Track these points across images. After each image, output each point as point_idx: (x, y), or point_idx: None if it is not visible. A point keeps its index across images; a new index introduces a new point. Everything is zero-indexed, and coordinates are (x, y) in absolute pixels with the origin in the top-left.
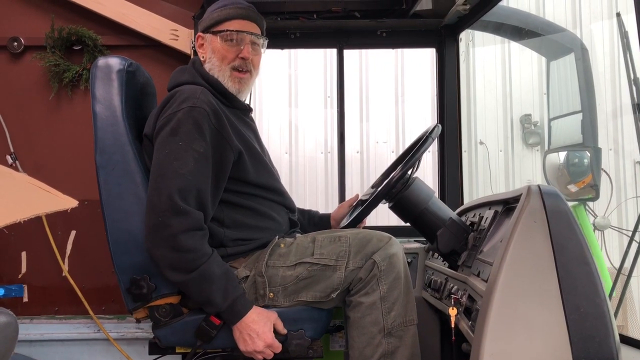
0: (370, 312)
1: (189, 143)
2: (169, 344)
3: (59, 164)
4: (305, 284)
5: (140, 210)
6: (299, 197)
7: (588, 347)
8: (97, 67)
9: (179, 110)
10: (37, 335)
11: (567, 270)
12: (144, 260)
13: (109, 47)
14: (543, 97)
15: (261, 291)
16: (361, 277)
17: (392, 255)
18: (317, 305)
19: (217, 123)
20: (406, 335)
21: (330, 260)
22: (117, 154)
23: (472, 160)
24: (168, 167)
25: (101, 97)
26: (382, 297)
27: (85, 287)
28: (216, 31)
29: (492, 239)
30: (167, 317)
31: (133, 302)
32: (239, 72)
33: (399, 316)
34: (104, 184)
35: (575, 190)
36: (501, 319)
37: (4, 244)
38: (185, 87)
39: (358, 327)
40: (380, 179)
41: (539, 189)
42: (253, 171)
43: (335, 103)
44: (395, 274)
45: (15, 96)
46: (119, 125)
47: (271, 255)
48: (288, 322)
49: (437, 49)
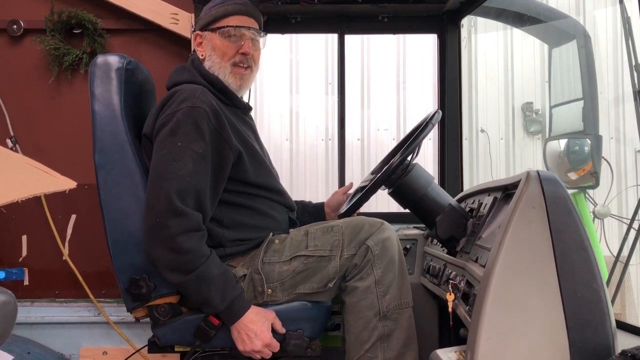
0: (366, 296)
1: (188, 144)
2: (168, 343)
3: (59, 148)
4: (303, 277)
5: (140, 211)
6: (299, 184)
7: (584, 332)
8: (95, 65)
9: (178, 110)
10: (38, 318)
11: (565, 255)
12: (143, 260)
13: (109, 30)
14: (545, 85)
15: (259, 288)
16: (356, 263)
17: (385, 240)
18: (315, 297)
19: (217, 123)
20: (402, 318)
21: (325, 251)
22: (116, 153)
23: (473, 148)
24: (167, 167)
25: (100, 96)
26: (377, 281)
27: (85, 271)
28: (215, 28)
29: (491, 225)
30: (166, 317)
31: (132, 301)
32: (240, 68)
33: (394, 299)
34: (103, 184)
35: (575, 177)
36: (498, 304)
37: (5, 227)
38: (184, 86)
39: (354, 311)
40: (380, 165)
41: (538, 175)
42: (252, 171)
43: (336, 89)
44: (389, 258)
45: (15, 80)
46: (118, 124)
47: (266, 252)
48: (287, 321)
49: (438, 35)
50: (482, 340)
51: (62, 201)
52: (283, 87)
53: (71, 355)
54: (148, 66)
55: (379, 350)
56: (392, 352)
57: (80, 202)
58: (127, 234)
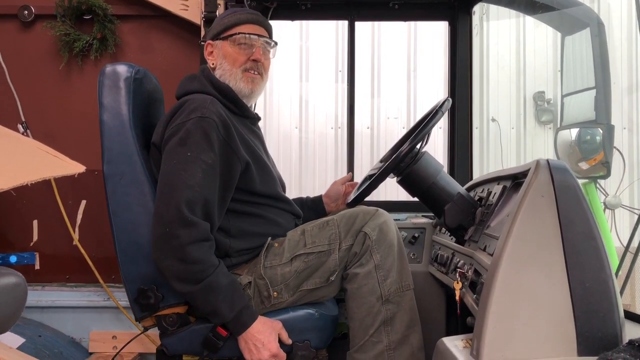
0: (367, 281)
1: (197, 154)
2: (176, 352)
3: (69, 134)
4: (305, 275)
5: (148, 221)
6: (308, 172)
7: (592, 321)
8: (104, 74)
9: (188, 120)
10: (49, 302)
11: (573, 245)
12: (152, 270)
13: (119, 16)
14: (557, 74)
15: (265, 293)
16: (356, 252)
17: (381, 224)
18: (320, 292)
19: (226, 134)
20: (403, 301)
21: (324, 246)
22: (125, 163)
23: (484, 137)
24: (176, 178)
25: (108, 106)
26: (377, 265)
27: (95, 256)
28: (226, 36)
29: (500, 214)
30: (174, 326)
31: (141, 311)
32: (251, 73)
33: (395, 282)
34: (112, 194)
35: (586, 167)
36: (505, 292)
37: (17, 212)
38: (194, 96)
39: (356, 297)
40: (390, 153)
41: (547, 164)
42: (260, 181)
43: (346, 78)
44: (387, 242)
45: (27, 65)
46: (126, 134)
47: (267, 257)
48: (293, 332)
49: (449, 22)
50: (489, 329)
51: (72, 187)
52: (293, 75)
53: (81, 339)
54: (157, 52)
55: (383, 334)
56: (396, 334)
57: (90, 187)
58: (136, 244)
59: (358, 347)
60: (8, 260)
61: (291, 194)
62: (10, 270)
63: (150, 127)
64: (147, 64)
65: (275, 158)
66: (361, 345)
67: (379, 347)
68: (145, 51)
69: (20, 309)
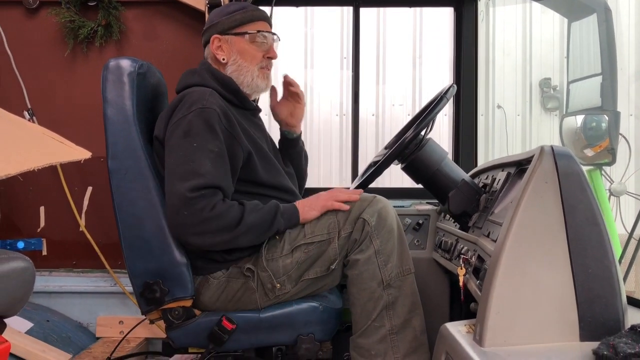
0: (367, 267)
1: (203, 144)
2: (182, 345)
3: (75, 120)
4: (307, 265)
5: (153, 216)
6: (313, 159)
7: (594, 307)
8: (108, 69)
9: (189, 113)
10: (56, 287)
11: (577, 231)
12: (157, 264)
13: (123, 3)
14: (564, 60)
15: (268, 285)
16: (356, 239)
17: (380, 210)
18: (322, 281)
19: (227, 123)
20: (404, 285)
21: (323, 235)
22: (129, 158)
23: (489, 124)
24: (185, 168)
25: (112, 101)
26: (377, 251)
27: (101, 242)
28: (242, 32)
29: (504, 200)
30: (180, 320)
31: (146, 305)
32: (265, 70)
33: (396, 267)
34: (117, 189)
35: (591, 154)
36: (509, 278)
37: (24, 198)
38: (194, 89)
39: (357, 283)
40: (394, 140)
41: (551, 150)
42: (263, 171)
43: (351, 64)
44: (387, 227)
45: (32, 52)
46: (130, 129)
47: (268, 249)
48: (297, 324)
49: (455, 8)
50: (492, 314)
51: (78, 173)
52: (297, 62)
53: (88, 324)
54: (162, 39)
55: (385, 319)
56: (398, 319)
57: (96, 174)
58: (141, 239)
59: (361, 332)
60: (16, 246)
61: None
62: (19, 255)
63: (154, 121)
64: (152, 51)
65: None
66: (364, 330)
67: (381, 331)
68: (149, 38)
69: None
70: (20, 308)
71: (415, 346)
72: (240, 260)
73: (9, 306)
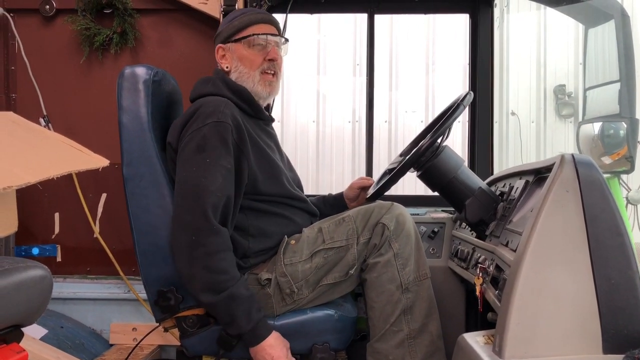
0: (386, 270)
1: (216, 160)
2: (196, 352)
3: (90, 127)
4: (325, 270)
5: (167, 223)
6: (325, 166)
7: (617, 319)
8: (123, 77)
9: (204, 126)
10: (70, 293)
11: (599, 241)
12: (171, 272)
13: (139, 10)
14: (579, 67)
15: (287, 290)
16: (375, 243)
17: (398, 215)
18: (339, 287)
19: (238, 137)
20: (421, 289)
21: (342, 242)
22: (144, 166)
23: (503, 131)
24: (199, 184)
25: (128, 108)
26: (396, 254)
27: (115, 249)
28: (240, 38)
29: (522, 209)
30: (194, 327)
31: (161, 313)
32: (268, 75)
33: (413, 271)
34: (131, 196)
35: (609, 162)
36: (529, 288)
37: (39, 205)
38: (208, 99)
39: (376, 287)
40: (410, 147)
41: (572, 158)
42: (271, 183)
43: (364, 71)
44: (405, 231)
45: (48, 59)
46: (145, 136)
47: (285, 254)
48: (312, 333)
49: (470, 14)
50: (512, 325)
51: (93, 180)
52: (310, 68)
53: (102, 331)
54: (177, 46)
55: (403, 323)
56: (416, 323)
57: (110, 181)
58: (155, 246)
59: (379, 336)
60: (30, 252)
61: (308, 188)
62: (36, 263)
63: (168, 129)
64: (166, 58)
65: (292, 152)
66: (382, 335)
67: (399, 335)
68: (164, 45)
69: (46, 302)
70: (37, 317)
71: (432, 351)
72: (255, 266)
73: (27, 315)
